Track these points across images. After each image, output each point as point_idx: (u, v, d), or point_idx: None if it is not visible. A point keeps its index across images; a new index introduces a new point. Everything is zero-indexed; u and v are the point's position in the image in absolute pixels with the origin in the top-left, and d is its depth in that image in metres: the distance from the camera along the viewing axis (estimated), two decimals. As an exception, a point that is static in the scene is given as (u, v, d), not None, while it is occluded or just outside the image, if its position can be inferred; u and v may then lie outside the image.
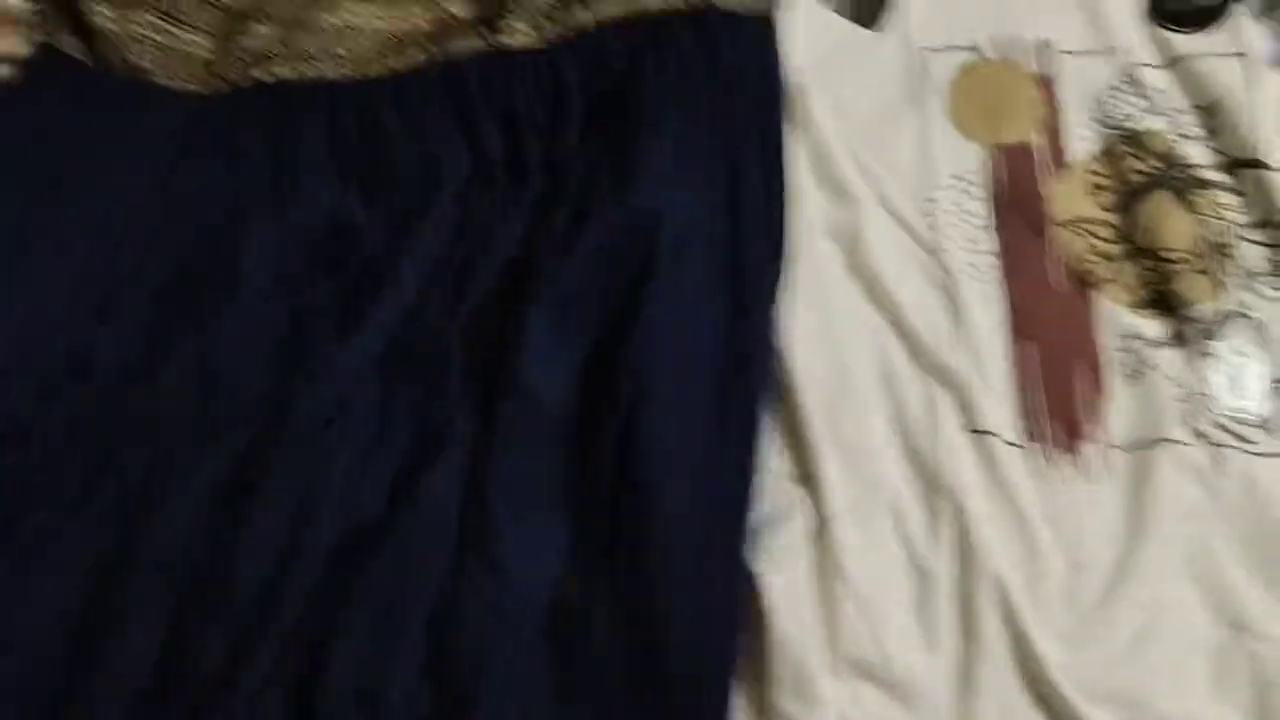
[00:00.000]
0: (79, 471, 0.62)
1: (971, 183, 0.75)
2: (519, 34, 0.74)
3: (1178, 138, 0.75)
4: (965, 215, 0.74)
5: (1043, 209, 0.74)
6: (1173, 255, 0.71)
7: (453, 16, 0.77)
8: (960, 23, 0.80)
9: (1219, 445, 0.66)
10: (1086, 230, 0.73)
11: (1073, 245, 0.73)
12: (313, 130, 0.74)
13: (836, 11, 0.80)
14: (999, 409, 0.68)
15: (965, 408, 0.67)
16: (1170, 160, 0.75)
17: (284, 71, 0.76)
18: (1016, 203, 0.74)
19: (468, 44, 0.75)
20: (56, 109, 0.74)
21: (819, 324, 0.69)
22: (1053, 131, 0.77)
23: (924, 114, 0.77)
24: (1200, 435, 0.66)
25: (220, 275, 0.69)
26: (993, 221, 0.74)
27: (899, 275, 0.71)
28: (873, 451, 0.66)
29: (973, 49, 0.79)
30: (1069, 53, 0.79)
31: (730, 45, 0.74)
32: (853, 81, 0.77)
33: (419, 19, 0.77)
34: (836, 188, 0.73)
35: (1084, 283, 0.72)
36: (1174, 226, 0.72)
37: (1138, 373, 0.69)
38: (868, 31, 0.79)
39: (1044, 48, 0.79)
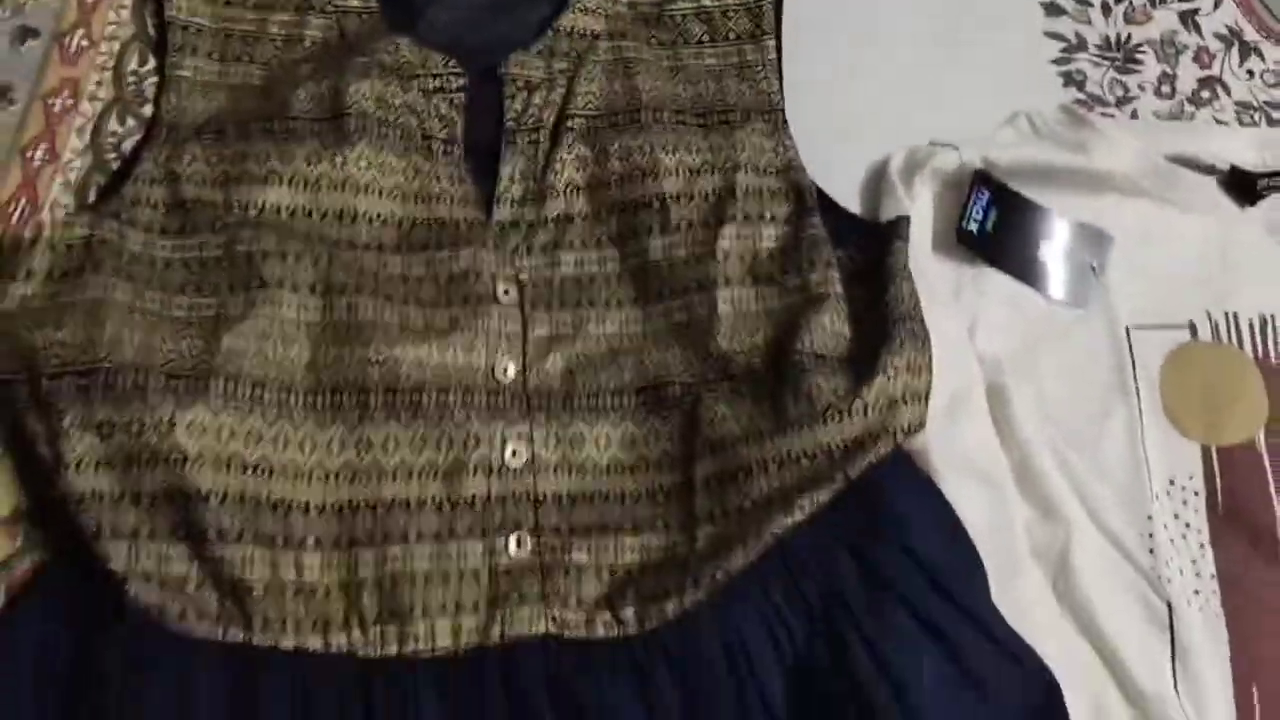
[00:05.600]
0: None
1: (1190, 490, 0.69)
2: None
3: None
4: (1184, 530, 0.69)
5: (1271, 526, 0.68)
6: None
7: None
8: (1172, 296, 0.73)
9: None
10: (1319, 553, 0.68)
11: (1305, 571, 0.67)
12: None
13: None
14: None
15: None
16: None
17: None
18: (1240, 517, 0.68)
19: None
20: None
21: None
22: (1277, 428, 0.71)
23: (1134, 406, 0.71)
24: None
25: None
26: (1211, 537, 0.69)
27: (1113, 607, 0.66)
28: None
29: (1186, 328, 0.73)
30: (1295, 331, 0.73)
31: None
32: (1055, 369, 0.71)
33: None
34: (1044, 504, 0.68)
35: (1319, 619, 0.66)
36: None
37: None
38: (1067, 310, 0.73)
39: (1266, 325, 0.73)
